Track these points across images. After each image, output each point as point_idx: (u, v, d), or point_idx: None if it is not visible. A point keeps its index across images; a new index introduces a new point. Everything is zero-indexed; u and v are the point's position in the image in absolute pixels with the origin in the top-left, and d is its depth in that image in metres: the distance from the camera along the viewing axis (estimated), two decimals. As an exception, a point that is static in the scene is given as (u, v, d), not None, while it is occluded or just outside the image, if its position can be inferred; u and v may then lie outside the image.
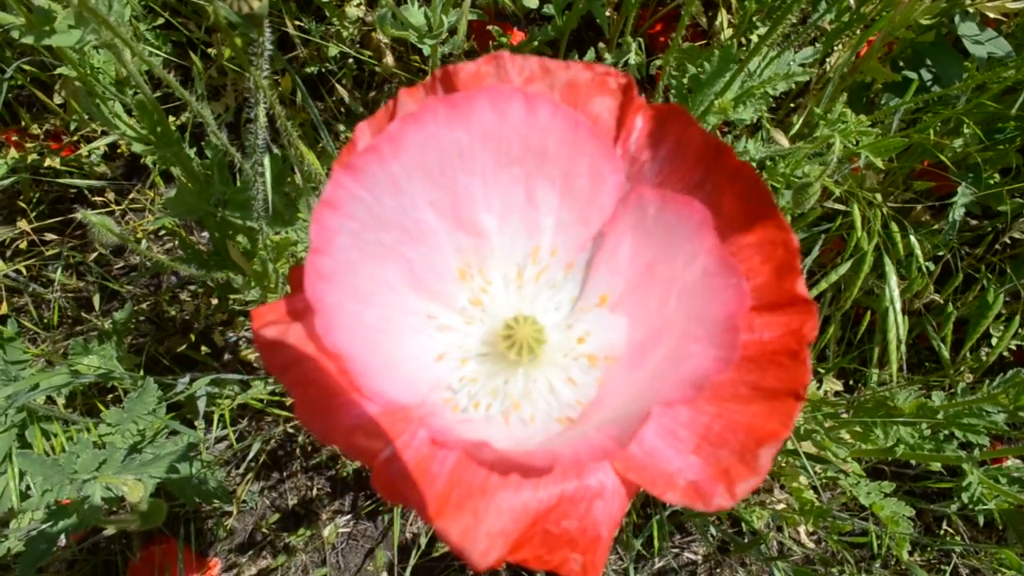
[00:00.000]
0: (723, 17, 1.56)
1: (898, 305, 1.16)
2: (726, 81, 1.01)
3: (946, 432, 1.21)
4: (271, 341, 0.47)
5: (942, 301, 1.43)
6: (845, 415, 1.34)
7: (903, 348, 1.21)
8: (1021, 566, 1.12)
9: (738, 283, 0.45)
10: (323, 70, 1.75)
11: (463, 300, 0.59)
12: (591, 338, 0.59)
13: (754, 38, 1.41)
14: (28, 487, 1.19)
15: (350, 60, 1.76)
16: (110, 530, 1.62)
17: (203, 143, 1.14)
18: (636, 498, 1.61)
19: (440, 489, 0.44)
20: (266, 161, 0.98)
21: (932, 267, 1.56)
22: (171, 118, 1.72)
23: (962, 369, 1.48)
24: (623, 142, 0.55)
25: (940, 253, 1.54)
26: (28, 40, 0.82)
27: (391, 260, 0.53)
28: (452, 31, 1.24)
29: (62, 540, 1.50)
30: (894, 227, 1.23)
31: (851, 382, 1.78)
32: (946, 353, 1.22)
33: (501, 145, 0.53)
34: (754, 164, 1.20)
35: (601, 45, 1.59)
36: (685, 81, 1.05)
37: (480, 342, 0.60)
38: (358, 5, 1.61)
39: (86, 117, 1.66)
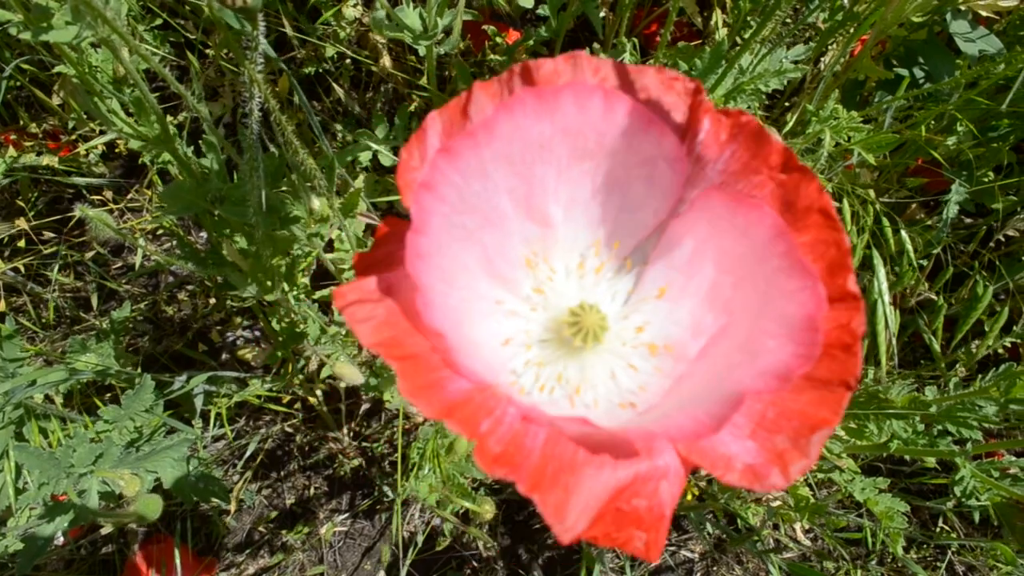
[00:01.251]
0: (718, 17, 1.57)
1: (887, 298, 1.16)
2: (717, 77, 1.02)
3: (940, 428, 1.22)
4: (362, 319, 0.49)
5: (934, 296, 1.44)
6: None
7: (894, 343, 1.21)
8: (1015, 560, 1.12)
9: (814, 284, 0.48)
10: (320, 70, 1.76)
11: (528, 288, 0.62)
12: (649, 328, 0.63)
13: (747, 36, 1.41)
14: (26, 483, 1.19)
15: (347, 60, 1.77)
16: (107, 528, 1.63)
17: (200, 141, 1.15)
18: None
19: (535, 463, 0.46)
20: (260, 156, 0.98)
21: (926, 264, 1.56)
22: (169, 117, 1.73)
23: (957, 365, 1.49)
24: (690, 142, 0.57)
25: (935, 251, 1.55)
26: (26, 36, 0.83)
27: (471, 244, 0.56)
28: (447, 32, 1.25)
29: (60, 538, 1.51)
30: (886, 223, 1.23)
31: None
32: (936, 346, 1.23)
33: (578, 139, 0.56)
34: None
35: (596, 45, 1.60)
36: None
37: (542, 328, 0.63)
38: (355, 5, 1.62)
39: (84, 116, 1.67)
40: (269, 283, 1.21)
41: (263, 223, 1.09)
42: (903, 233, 1.22)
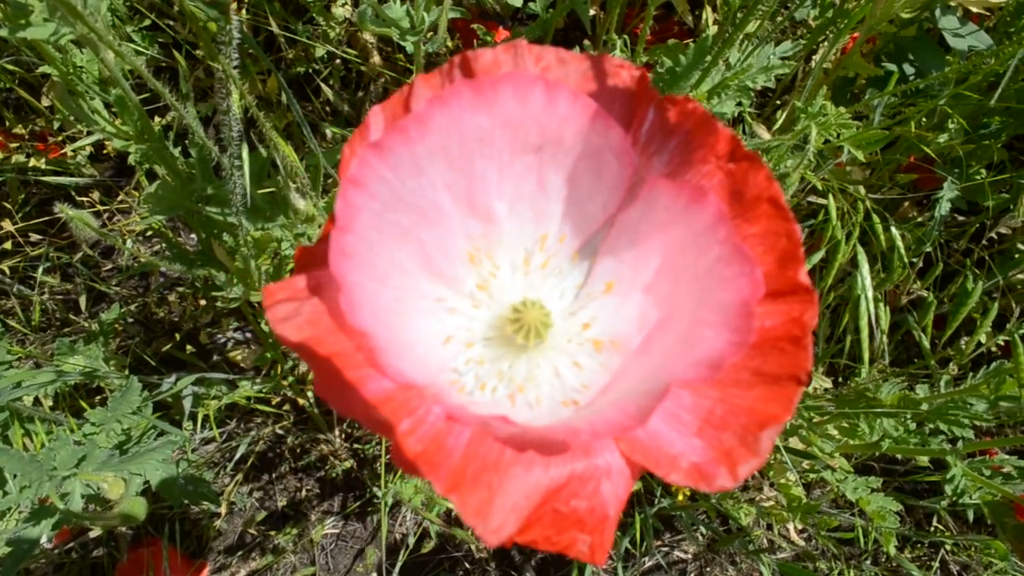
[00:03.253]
0: (708, 15, 1.57)
1: (870, 293, 1.16)
2: (701, 73, 1.01)
3: (932, 426, 1.21)
4: (285, 317, 0.48)
5: (924, 292, 1.43)
6: (832, 411, 1.34)
7: (884, 342, 1.21)
8: (1008, 556, 1.12)
9: (752, 270, 0.46)
10: (310, 71, 1.75)
11: (471, 284, 0.61)
12: (596, 324, 0.61)
13: (738, 35, 1.41)
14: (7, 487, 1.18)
15: (337, 60, 1.77)
16: (96, 532, 1.62)
17: (187, 141, 1.14)
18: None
19: (456, 463, 0.45)
20: (244, 154, 0.98)
21: (918, 262, 1.56)
22: (157, 118, 1.72)
23: (950, 364, 1.48)
24: (635, 132, 0.56)
25: (929, 249, 1.54)
26: (3, 33, 0.82)
27: (406, 242, 0.54)
28: (435, 29, 1.24)
29: (45, 541, 1.50)
30: (876, 220, 1.23)
31: (840, 379, 1.78)
32: (926, 342, 1.23)
33: (519, 132, 0.54)
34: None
35: (587, 43, 1.59)
36: (663, 72, 1.06)
37: (486, 326, 0.61)
38: (343, 5, 1.61)
39: (71, 118, 1.67)
40: (254, 281, 1.20)
41: (248, 222, 1.08)
42: (893, 229, 1.21)
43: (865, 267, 1.16)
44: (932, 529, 1.77)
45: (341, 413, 0.43)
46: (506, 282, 0.61)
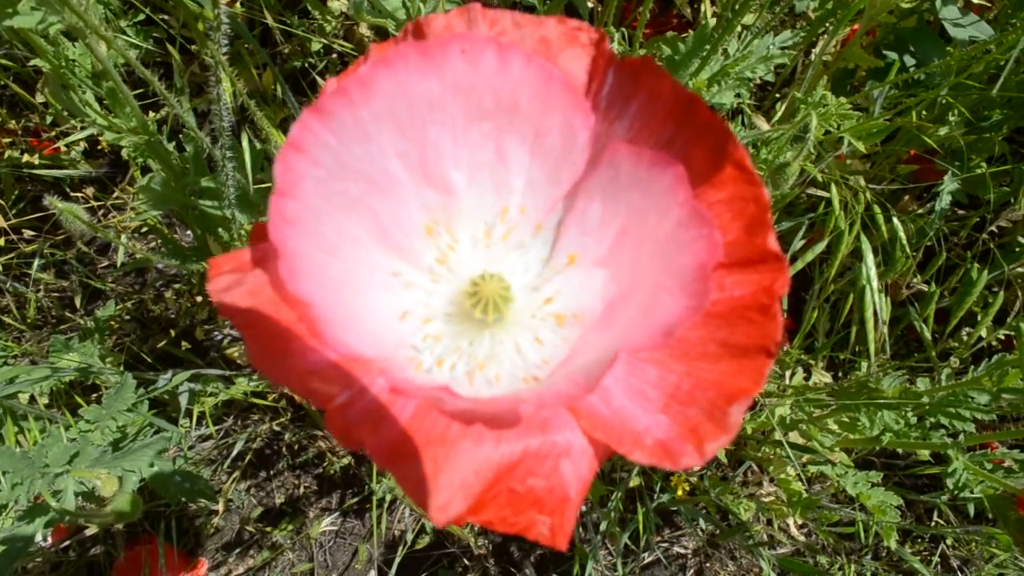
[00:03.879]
0: (706, 7, 1.56)
1: (875, 283, 1.15)
2: (700, 61, 1.00)
3: (932, 420, 1.20)
4: (226, 287, 0.46)
5: (924, 283, 1.42)
6: (833, 404, 1.33)
7: (886, 334, 1.20)
8: (1011, 546, 1.11)
9: (710, 233, 0.44)
10: (306, 64, 1.74)
11: (430, 258, 0.58)
12: (559, 298, 0.59)
13: (737, 26, 1.40)
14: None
15: (333, 54, 1.76)
16: (93, 529, 1.61)
17: (181, 136, 1.13)
18: (623, 492, 1.59)
19: (396, 434, 0.43)
20: (245, 144, 0.97)
21: (918, 256, 1.55)
22: (152, 113, 1.71)
23: (951, 357, 1.47)
24: (594, 96, 0.54)
25: (930, 242, 1.53)
26: (-10, 24, 0.81)
27: (357, 212, 0.51)
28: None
29: (45, 540, 1.49)
30: (877, 211, 1.22)
31: (840, 373, 1.77)
32: (928, 334, 1.22)
33: (472, 97, 0.51)
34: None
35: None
36: (662, 60, 1.05)
37: (446, 301, 0.59)
38: (339, -2, 1.60)
39: (64, 112, 1.65)
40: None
41: (241, 216, 1.07)
42: (895, 220, 1.20)
43: (870, 257, 1.15)
44: (933, 523, 1.76)
45: (274, 381, 0.42)
46: (466, 256, 0.59)
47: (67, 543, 1.65)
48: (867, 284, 1.14)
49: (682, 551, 1.74)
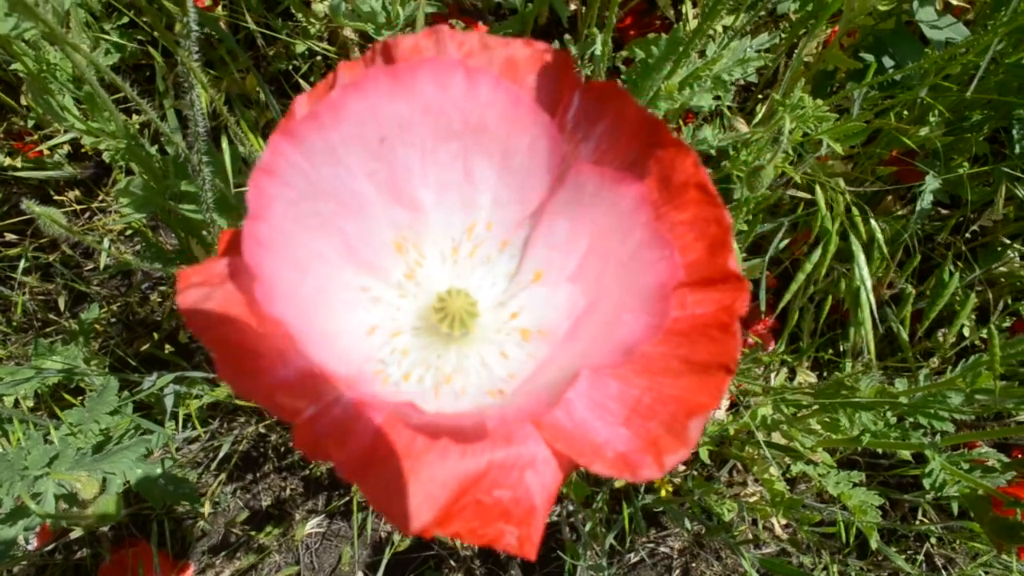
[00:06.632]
0: (688, 9, 1.56)
1: (869, 284, 1.15)
2: (672, 64, 1.00)
3: (912, 420, 1.21)
4: (195, 301, 0.47)
5: (903, 283, 1.43)
6: (812, 404, 1.34)
7: (868, 333, 1.20)
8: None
9: (671, 255, 0.46)
10: (290, 68, 1.74)
11: (398, 274, 0.60)
12: (525, 313, 0.60)
13: (718, 28, 1.40)
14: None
15: (318, 57, 1.76)
16: (78, 532, 1.61)
17: (162, 139, 1.13)
18: (608, 492, 1.60)
19: (363, 446, 0.44)
20: (225, 147, 0.97)
21: (900, 256, 1.55)
22: (136, 116, 1.71)
23: (932, 358, 1.48)
24: (560, 118, 0.55)
25: (904, 240, 1.54)
26: (-37, 29, 0.81)
27: (326, 232, 0.53)
28: (412, 24, 1.23)
29: (30, 543, 1.49)
30: (856, 213, 1.22)
31: (824, 374, 1.77)
32: (904, 335, 1.22)
33: (441, 119, 0.53)
34: (713, 152, 1.19)
35: (568, 37, 1.58)
36: (636, 64, 1.05)
37: (414, 316, 0.60)
38: (322, 1, 1.61)
39: (46, 116, 1.66)
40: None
41: (220, 219, 1.07)
42: (873, 222, 1.21)
43: (862, 258, 1.16)
44: (918, 522, 1.77)
45: (242, 395, 0.43)
46: (434, 272, 0.61)
47: (52, 546, 1.65)
48: (861, 285, 1.14)
49: (668, 551, 1.75)
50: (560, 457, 0.49)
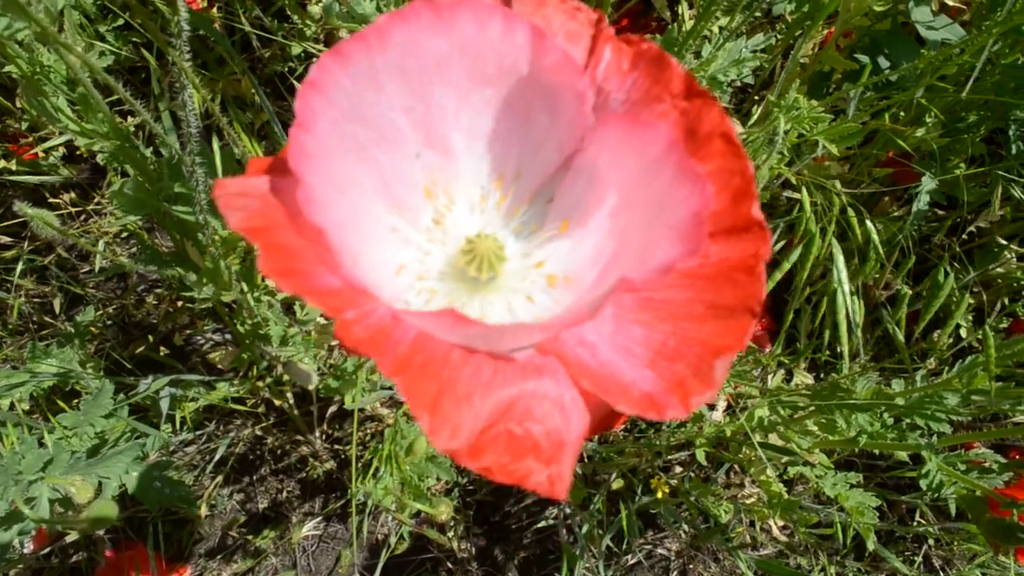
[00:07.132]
0: (684, 10, 1.56)
1: (847, 287, 1.15)
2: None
3: (909, 421, 1.20)
4: (238, 206, 0.47)
5: (899, 284, 1.43)
6: (811, 407, 1.33)
7: (859, 334, 1.20)
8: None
9: (703, 187, 0.47)
10: (285, 70, 1.74)
11: (427, 219, 0.61)
12: (551, 262, 0.61)
13: (714, 29, 1.40)
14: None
15: (314, 59, 1.75)
16: (74, 535, 1.60)
17: (157, 141, 1.13)
18: (605, 494, 1.60)
19: (403, 351, 0.44)
20: (216, 148, 0.97)
21: (895, 256, 1.55)
22: (131, 118, 1.71)
23: (928, 359, 1.48)
24: (592, 71, 0.56)
25: (898, 240, 1.54)
26: (-45, 31, 0.81)
27: (364, 160, 0.54)
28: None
29: (25, 546, 1.48)
30: (851, 214, 1.22)
31: (822, 375, 1.77)
32: (900, 336, 1.22)
33: (477, 61, 0.54)
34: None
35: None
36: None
37: (441, 261, 0.61)
38: (318, 3, 1.60)
39: (41, 118, 1.65)
40: (224, 281, 1.19)
41: (215, 221, 1.07)
42: (868, 223, 1.20)
43: (840, 260, 1.16)
44: (915, 524, 1.77)
45: (285, 290, 0.43)
46: (461, 219, 0.62)
47: (48, 549, 1.64)
48: (838, 287, 1.14)
49: (665, 553, 1.74)
50: (587, 397, 0.49)
